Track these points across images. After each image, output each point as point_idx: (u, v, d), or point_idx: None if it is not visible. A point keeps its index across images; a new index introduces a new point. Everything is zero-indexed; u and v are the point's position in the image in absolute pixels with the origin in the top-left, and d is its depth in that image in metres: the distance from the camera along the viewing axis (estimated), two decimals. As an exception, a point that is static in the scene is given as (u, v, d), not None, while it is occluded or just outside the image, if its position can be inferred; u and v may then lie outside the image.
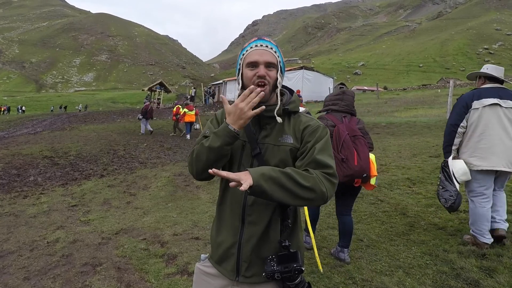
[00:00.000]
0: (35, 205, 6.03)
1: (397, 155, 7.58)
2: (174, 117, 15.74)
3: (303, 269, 1.27)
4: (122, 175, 8.20)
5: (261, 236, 1.34)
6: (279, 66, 1.38)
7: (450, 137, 3.40)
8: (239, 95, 1.30)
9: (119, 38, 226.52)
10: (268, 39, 1.41)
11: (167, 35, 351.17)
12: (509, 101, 3.26)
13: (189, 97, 42.78)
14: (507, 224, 3.40)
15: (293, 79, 30.71)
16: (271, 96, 1.40)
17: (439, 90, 33.25)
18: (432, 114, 16.70)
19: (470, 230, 3.42)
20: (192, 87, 47.67)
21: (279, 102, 1.38)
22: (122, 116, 24.24)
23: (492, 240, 3.30)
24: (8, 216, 5.45)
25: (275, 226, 1.36)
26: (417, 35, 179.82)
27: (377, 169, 6.21)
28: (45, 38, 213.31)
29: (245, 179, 1.16)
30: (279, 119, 1.38)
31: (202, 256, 1.55)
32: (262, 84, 1.34)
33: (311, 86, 31.45)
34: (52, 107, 58.68)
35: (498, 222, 3.36)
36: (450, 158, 3.41)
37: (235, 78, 1.47)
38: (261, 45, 1.37)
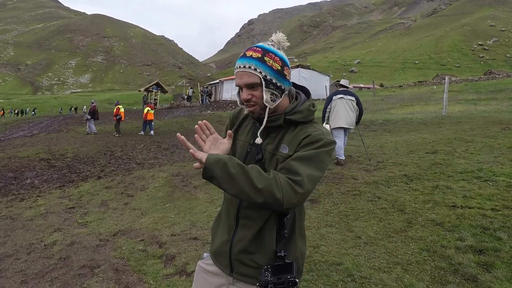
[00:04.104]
0: (32, 208, 6.00)
1: (394, 152, 7.58)
2: (115, 118, 16.16)
3: (297, 281, 1.23)
4: (119, 176, 8.17)
5: (252, 240, 1.33)
6: (263, 82, 1.29)
7: (324, 113, 7.00)
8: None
9: (114, 39, 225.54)
10: (251, 52, 1.31)
11: (163, 36, 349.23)
12: (348, 96, 6.86)
13: (185, 97, 42.72)
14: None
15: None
16: (264, 112, 1.34)
17: (435, 87, 33.35)
18: (428, 110, 16.74)
19: (335, 156, 6.82)
20: (189, 87, 47.65)
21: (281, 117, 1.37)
22: (118, 117, 24.09)
23: (344, 158, 6.90)
24: (5, 219, 5.42)
25: (271, 234, 1.33)
26: (412, 32, 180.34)
27: (374, 166, 6.21)
28: (40, 40, 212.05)
29: (200, 157, 1.17)
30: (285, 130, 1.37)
31: (205, 254, 1.57)
32: (250, 106, 1.34)
33: (307, 84, 30.84)
34: (61, 109, 58.11)
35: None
36: (324, 123, 6.86)
37: (232, 77, 1.46)
38: (239, 66, 1.31)
